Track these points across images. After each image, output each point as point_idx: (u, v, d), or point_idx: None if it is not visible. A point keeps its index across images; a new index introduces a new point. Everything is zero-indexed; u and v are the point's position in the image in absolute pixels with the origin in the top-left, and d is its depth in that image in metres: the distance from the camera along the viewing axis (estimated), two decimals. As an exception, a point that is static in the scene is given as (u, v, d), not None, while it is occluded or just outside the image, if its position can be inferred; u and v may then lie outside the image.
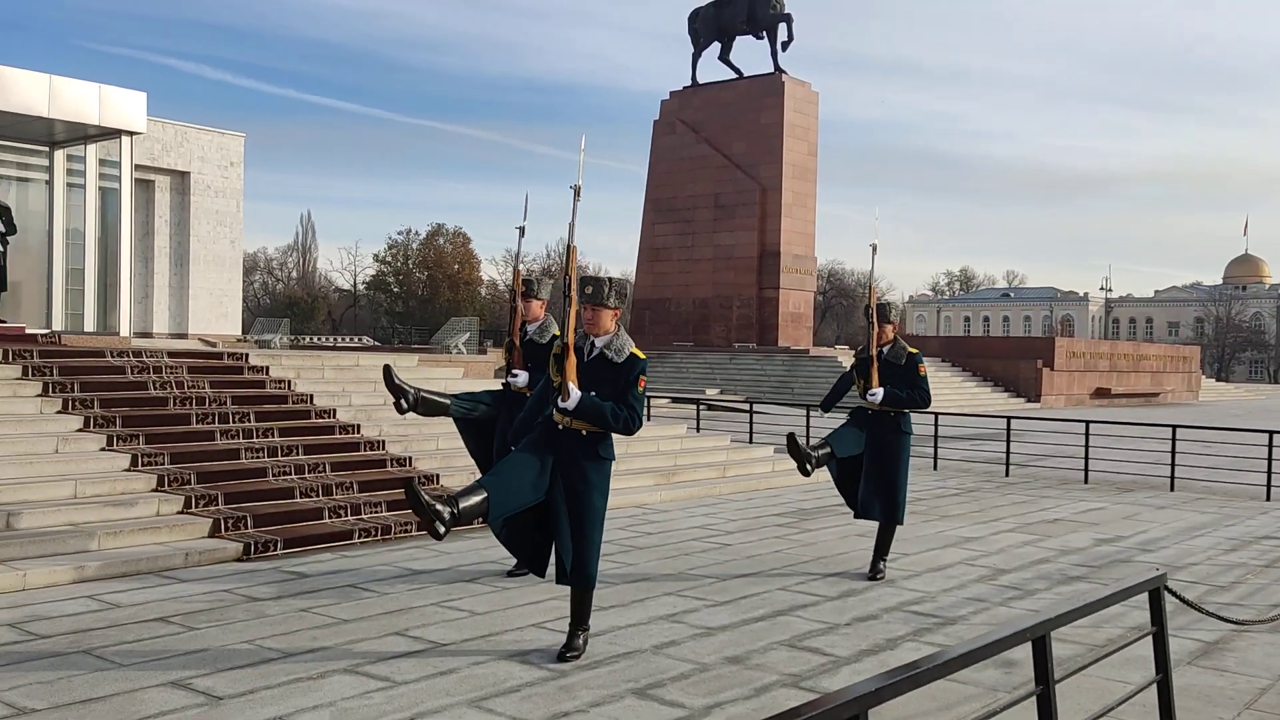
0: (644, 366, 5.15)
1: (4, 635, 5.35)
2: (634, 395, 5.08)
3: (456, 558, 7.55)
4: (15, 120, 12.60)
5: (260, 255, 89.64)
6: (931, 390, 7.29)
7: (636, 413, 5.11)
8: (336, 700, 4.52)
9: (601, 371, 5.11)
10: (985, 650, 2.69)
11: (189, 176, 37.65)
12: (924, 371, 7.19)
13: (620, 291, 5.25)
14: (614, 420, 5.04)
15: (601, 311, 5.17)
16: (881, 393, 7.10)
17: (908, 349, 7.23)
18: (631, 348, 5.18)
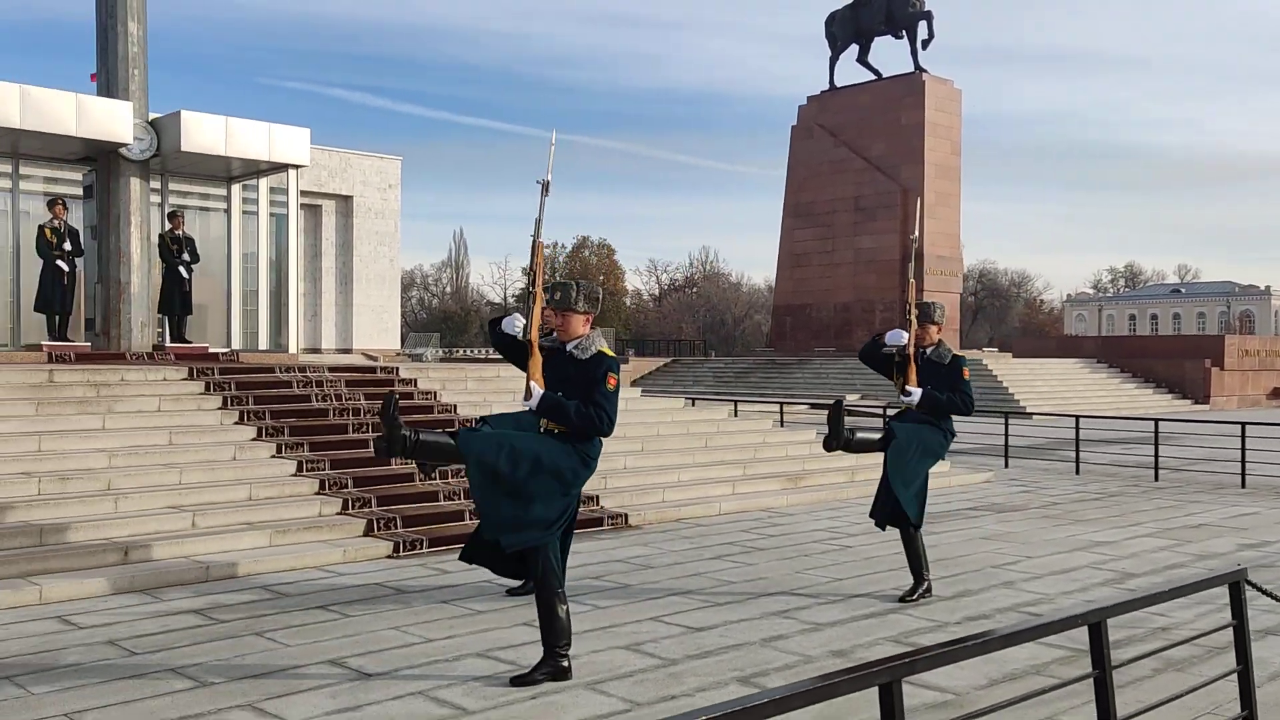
0: (613, 364, 5.01)
1: (189, 620, 6.13)
2: (601, 393, 4.93)
3: (585, 557, 8.05)
4: (198, 159, 13.87)
5: (416, 272, 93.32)
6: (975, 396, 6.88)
7: (605, 411, 4.93)
8: (468, 679, 5.05)
9: (567, 369, 5.02)
10: (1030, 632, 2.95)
11: (352, 200, 39.83)
12: (967, 375, 6.83)
13: (590, 295, 5.15)
14: (577, 418, 4.90)
15: (571, 316, 5.08)
16: (919, 393, 6.75)
17: (952, 351, 6.98)
18: (601, 347, 5.07)
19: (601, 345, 5.09)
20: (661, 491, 10.34)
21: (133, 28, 13.29)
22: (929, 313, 6.93)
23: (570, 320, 5.09)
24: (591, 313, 5.16)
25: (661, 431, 12.34)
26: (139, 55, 13.38)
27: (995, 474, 13.83)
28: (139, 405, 9.52)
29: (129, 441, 8.80)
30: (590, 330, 5.14)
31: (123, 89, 13.14)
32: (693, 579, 7.35)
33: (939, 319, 6.98)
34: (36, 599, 6.42)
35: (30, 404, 8.97)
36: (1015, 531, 9.55)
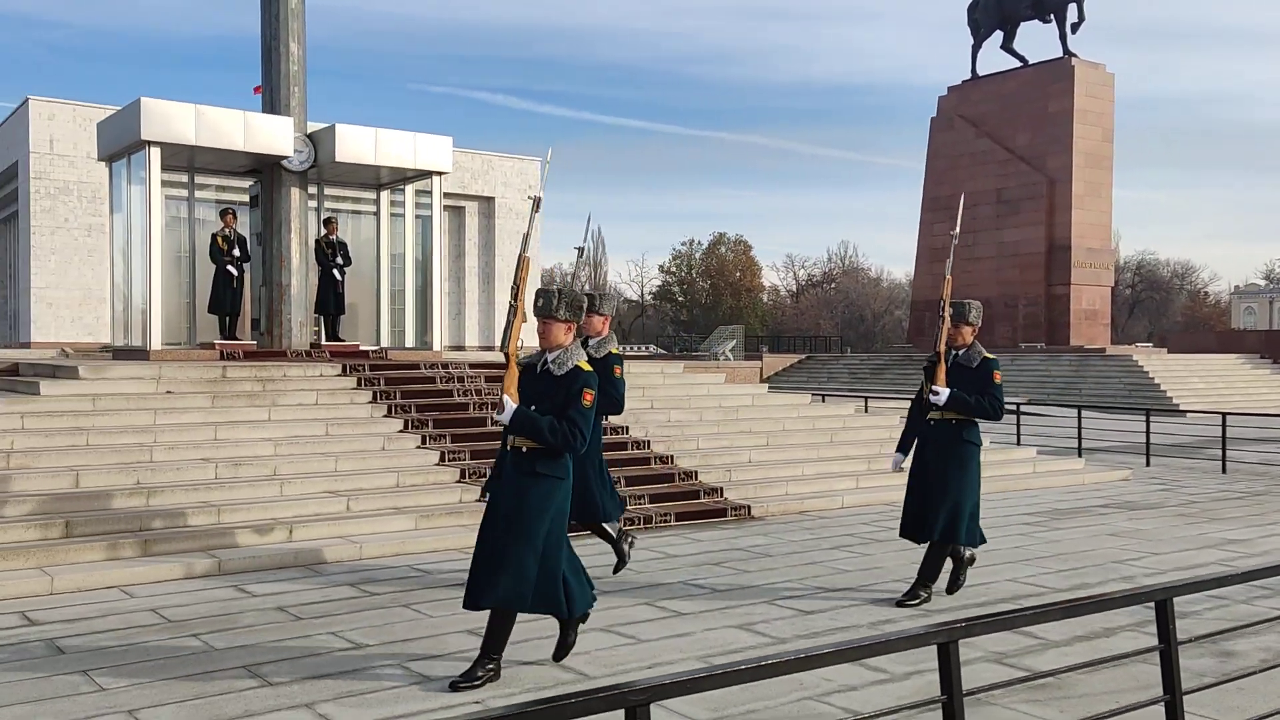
0: (589, 380, 4.94)
1: (346, 592, 6.78)
2: (576, 409, 4.85)
3: (707, 545, 8.41)
4: (350, 169, 14.83)
5: (556, 270, 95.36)
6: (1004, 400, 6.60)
7: (579, 428, 4.84)
8: (592, 650, 5.48)
9: (544, 385, 4.97)
10: (1091, 605, 3.16)
11: (494, 201, 41.18)
12: (999, 379, 6.55)
13: (572, 304, 5.08)
14: (551, 435, 4.82)
15: (552, 324, 5.03)
16: (946, 393, 6.48)
17: (984, 353, 6.66)
18: (579, 360, 5.02)
19: (579, 360, 5.02)
20: (785, 485, 10.60)
21: (293, 48, 14.34)
22: (963, 313, 6.67)
23: (551, 328, 5.03)
24: (573, 321, 5.09)
25: (788, 427, 12.58)
26: (299, 73, 14.42)
27: (1134, 472, 13.51)
28: (299, 399, 10.37)
29: (291, 432, 9.62)
30: (575, 342, 5.11)
31: (284, 105, 14.18)
32: (809, 567, 7.61)
33: (974, 319, 6.71)
34: (215, 569, 7.19)
35: (207, 397, 9.90)
36: (1145, 529, 9.42)
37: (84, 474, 8.10)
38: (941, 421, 6.60)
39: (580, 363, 5.01)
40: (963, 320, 6.65)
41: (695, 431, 11.64)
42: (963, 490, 6.50)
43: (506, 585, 4.83)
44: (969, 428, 6.60)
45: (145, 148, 12.87)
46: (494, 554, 4.88)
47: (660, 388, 13.02)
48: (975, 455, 6.62)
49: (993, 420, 6.57)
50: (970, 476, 6.57)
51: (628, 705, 2.27)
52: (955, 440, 6.54)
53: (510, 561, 4.83)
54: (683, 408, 12.33)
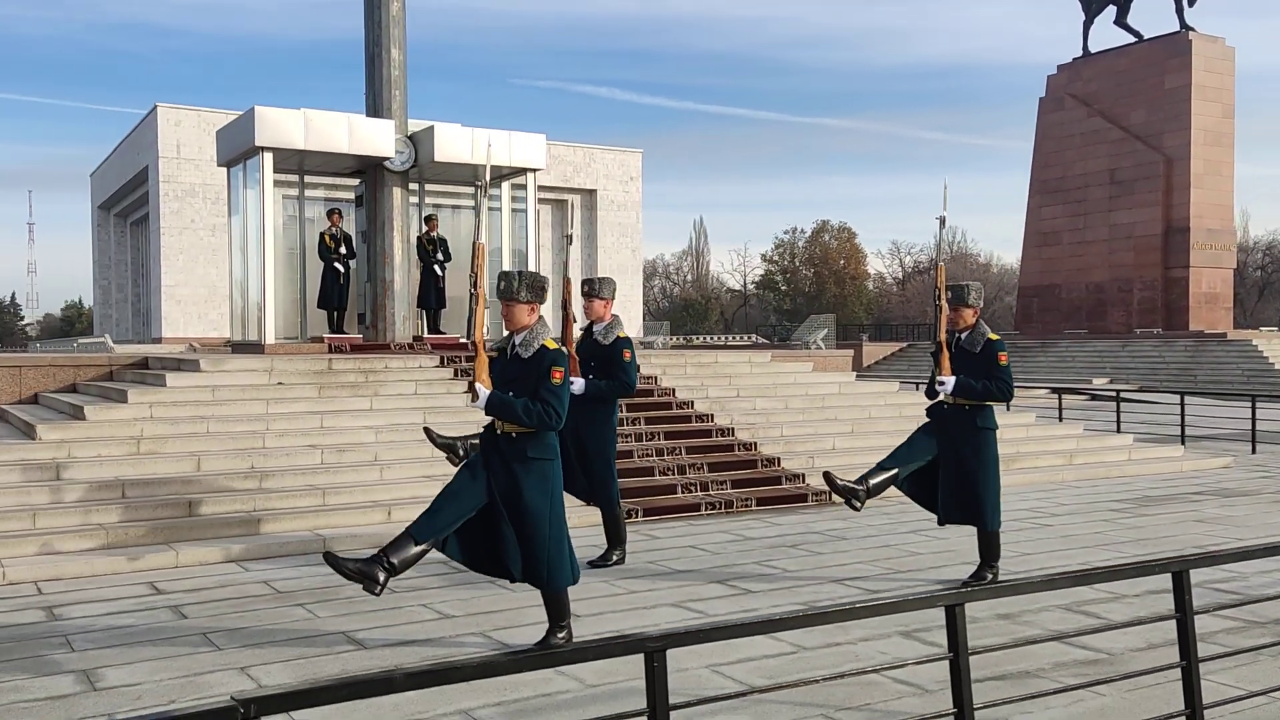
0: (556, 358, 5.03)
1: (439, 568, 7.25)
2: (546, 388, 4.96)
3: (785, 529, 8.64)
4: (449, 167, 15.43)
5: (658, 261, 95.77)
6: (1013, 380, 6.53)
7: (552, 406, 4.95)
8: (662, 624, 5.80)
9: (515, 368, 5.08)
10: (1109, 573, 3.33)
11: (595, 193, 41.71)
12: (1004, 361, 6.45)
13: (533, 285, 5.16)
14: (526, 416, 4.94)
15: (514, 306, 5.12)
16: (952, 382, 6.44)
17: (987, 335, 6.54)
18: (544, 340, 5.10)
19: (544, 339, 5.10)
20: (868, 471, 10.71)
21: (395, 54, 14.99)
22: (962, 295, 6.58)
23: (514, 310, 5.11)
24: (536, 302, 5.16)
25: (874, 414, 12.67)
26: (400, 78, 15.07)
27: (1237, 459, 13.18)
28: (399, 389, 10.95)
29: (391, 420, 10.19)
30: (539, 322, 5.19)
31: (386, 108, 14.85)
32: (882, 550, 7.78)
33: (974, 301, 6.61)
34: (320, 546, 7.74)
35: (315, 388, 10.55)
36: (1235, 515, 9.27)
37: (204, 459, 8.78)
38: (955, 407, 6.54)
39: (547, 341, 5.07)
40: (962, 303, 6.56)
41: (780, 419, 11.85)
42: (981, 478, 6.48)
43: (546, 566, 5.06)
44: (982, 412, 6.54)
45: (259, 153, 13.67)
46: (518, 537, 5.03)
47: (746, 376, 13.25)
48: (991, 440, 6.59)
49: (1002, 402, 6.54)
50: (988, 462, 6.53)
51: (646, 651, 2.58)
52: (969, 427, 6.51)
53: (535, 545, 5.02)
54: (768, 396, 12.54)
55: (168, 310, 34.75)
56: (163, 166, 34.01)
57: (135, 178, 37.17)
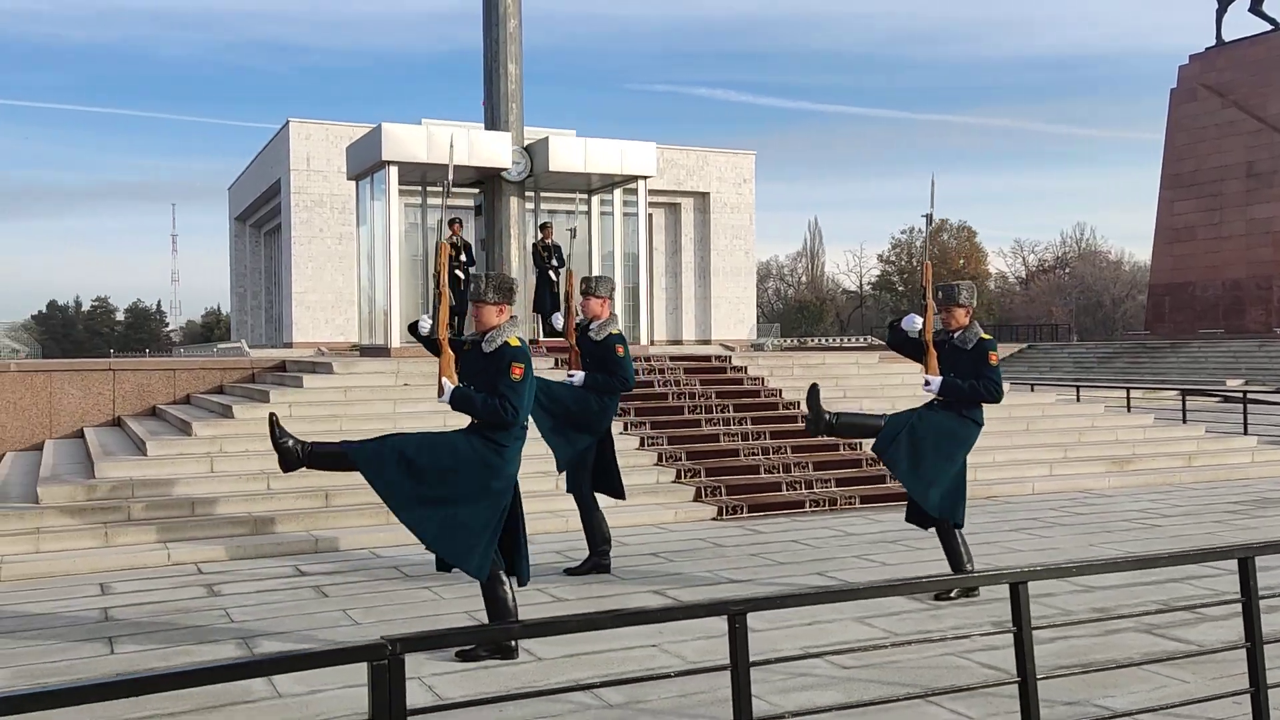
0: (516, 354, 5.09)
1: (552, 556, 7.71)
2: (505, 384, 5.04)
3: (886, 526, 8.83)
4: (562, 177, 16.01)
5: (772, 263, 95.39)
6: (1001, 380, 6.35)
7: (509, 401, 5.04)
8: (759, 610, 6.11)
9: (477, 364, 5.21)
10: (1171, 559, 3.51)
11: (709, 196, 41.94)
12: (995, 361, 6.30)
13: (500, 286, 5.25)
14: (484, 410, 5.05)
15: (483, 307, 5.22)
16: (938, 382, 6.33)
17: (980, 334, 6.36)
18: (508, 337, 5.16)
19: (509, 336, 5.17)
20: (973, 470, 10.71)
21: (511, 69, 15.63)
22: (953, 295, 6.42)
23: (482, 310, 5.22)
24: (503, 303, 5.24)
25: (983, 414, 12.65)
26: (516, 91, 15.71)
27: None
28: (517, 389, 11.49)
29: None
30: (505, 321, 5.25)
31: (504, 121, 15.51)
32: (982, 547, 7.90)
33: (965, 300, 6.43)
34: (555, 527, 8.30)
35: (434, 389, 11.17)
36: (1358, 519, 9.04)
37: (338, 454, 9.45)
38: (944, 404, 6.44)
39: (510, 339, 5.15)
40: (953, 302, 6.41)
41: (887, 419, 11.97)
42: (943, 465, 6.30)
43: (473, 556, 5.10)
44: (970, 406, 6.40)
45: (385, 167, 14.46)
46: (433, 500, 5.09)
47: (854, 378, 13.40)
48: (972, 429, 6.41)
49: (990, 402, 6.38)
50: (960, 447, 6.36)
51: (729, 613, 2.92)
52: (955, 415, 6.36)
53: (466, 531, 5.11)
54: (875, 396, 12.66)
55: (298, 316, 36.48)
56: (294, 178, 35.73)
57: (268, 190, 39.12)
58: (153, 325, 68.67)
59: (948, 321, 6.46)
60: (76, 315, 63.33)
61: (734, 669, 2.88)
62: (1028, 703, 3.24)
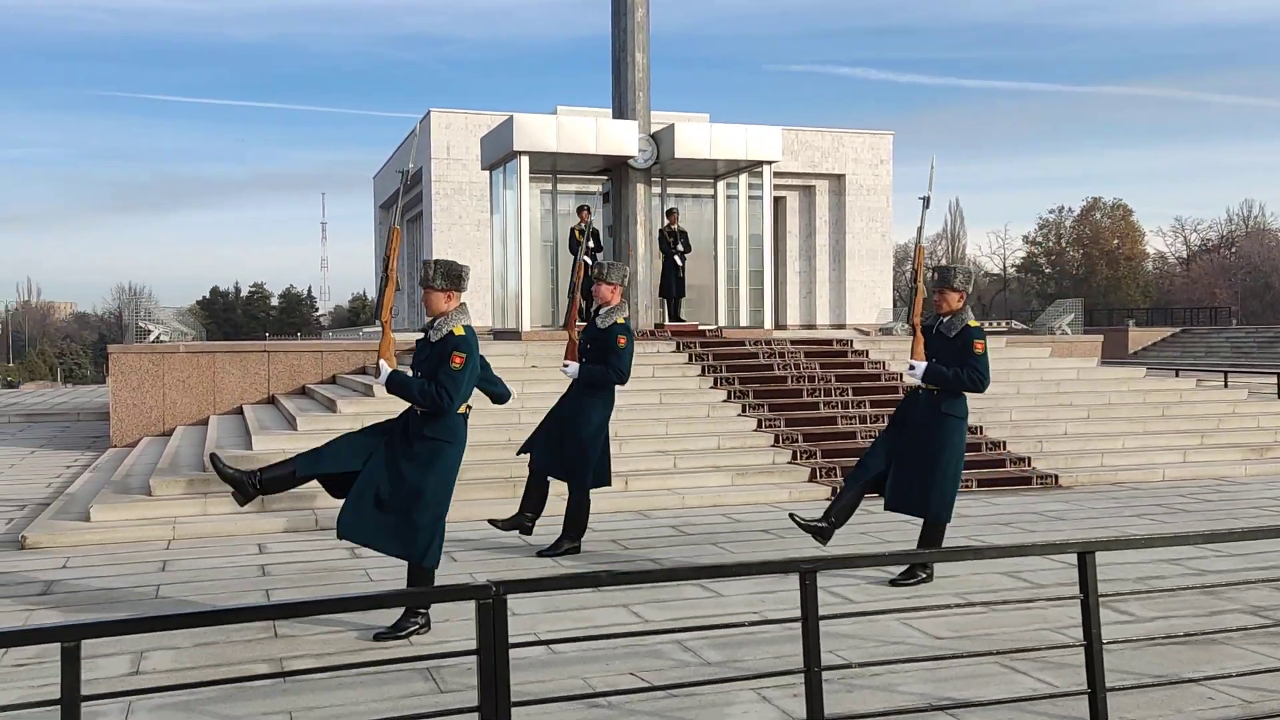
0: (458, 344, 5.13)
1: (666, 530, 8.05)
2: (444, 372, 5.09)
3: (1002, 509, 8.84)
4: (688, 163, 16.30)
5: (910, 246, 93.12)
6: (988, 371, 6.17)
7: (445, 389, 5.06)
8: (862, 584, 6.30)
9: (425, 350, 5.27)
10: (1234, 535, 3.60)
11: (844, 178, 41.48)
12: (980, 350, 6.13)
13: (448, 273, 5.26)
14: (420, 397, 5.10)
15: (430, 293, 5.26)
16: (922, 368, 6.22)
17: (966, 321, 6.24)
18: (453, 325, 5.19)
19: (455, 325, 5.21)
20: (1100, 456, 10.63)
21: (639, 58, 15.98)
22: (948, 278, 6.28)
23: (430, 296, 5.26)
24: (452, 289, 5.26)
25: (1113, 400, 12.40)
26: (643, 80, 16.05)
27: None
28: (638, 372, 11.76)
29: (630, 400, 11.10)
30: (453, 309, 5.27)
31: (631, 109, 15.88)
32: (1097, 531, 7.87)
33: (959, 285, 6.30)
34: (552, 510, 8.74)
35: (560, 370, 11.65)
36: None
37: (471, 431, 10.00)
38: (926, 392, 6.35)
39: (455, 328, 5.19)
40: (947, 286, 6.29)
41: (1009, 404, 11.87)
42: (937, 464, 6.25)
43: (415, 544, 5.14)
44: (949, 400, 6.28)
45: (517, 157, 15.04)
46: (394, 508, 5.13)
47: (979, 361, 13.26)
48: (956, 428, 6.30)
49: (974, 391, 6.24)
50: (948, 449, 6.26)
51: (800, 571, 3.19)
52: (934, 412, 6.28)
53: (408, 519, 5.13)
54: (1000, 381, 12.49)
55: (427, 302, 37.90)
56: (434, 167, 37.05)
57: (411, 179, 40.71)
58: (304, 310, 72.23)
59: (939, 305, 6.35)
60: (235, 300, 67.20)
61: (805, 622, 3.14)
62: (1093, 669, 3.39)
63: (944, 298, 6.32)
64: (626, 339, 6.97)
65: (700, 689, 4.37)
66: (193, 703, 4.34)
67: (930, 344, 6.34)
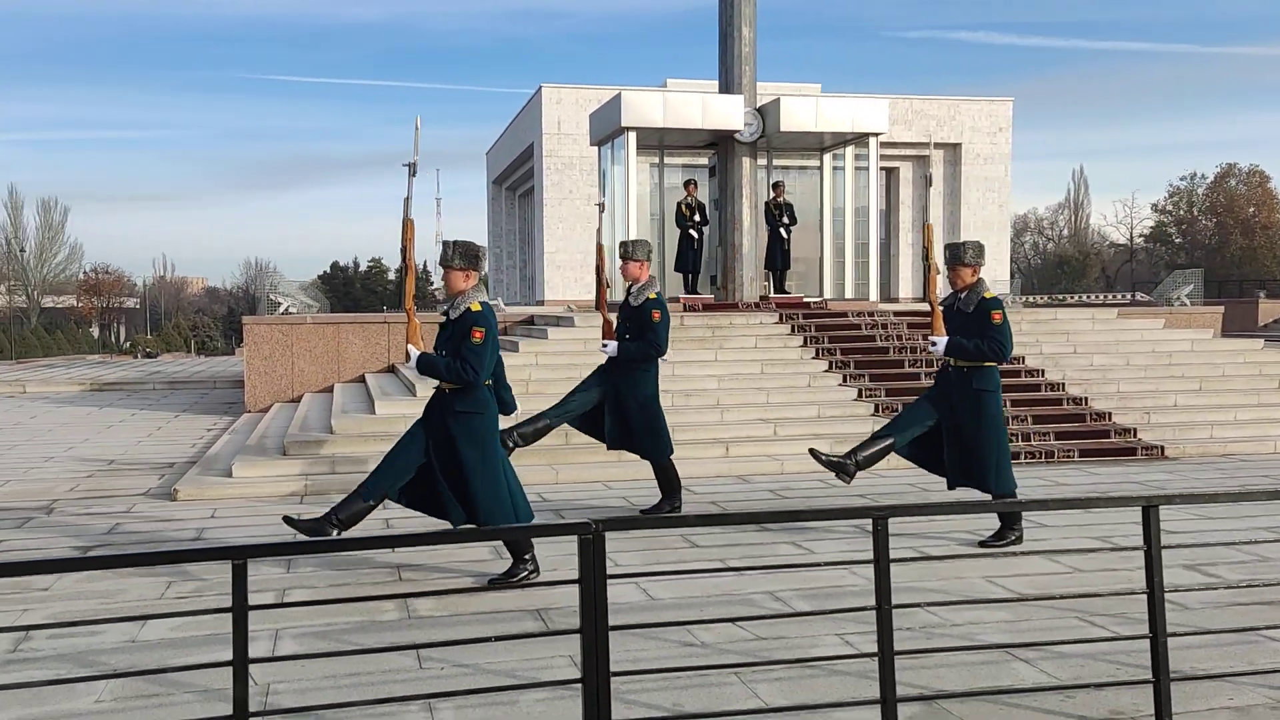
0: (476, 319, 5.38)
1: (763, 494, 8.35)
2: (466, 347, 5.35)
3: (1102, 478, 8.88)
4: (794, 136, 16.40)
5: (1030, 216, 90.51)
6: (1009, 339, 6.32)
7: (469, 364, 5.34)
8: (952, 545, 6.50)
9: (448, 329, 5.53)
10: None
11: (960, 147, 40.54)
12: (998, 319, 6.29)
13: (466, 253, 5.52)
14: (447, 373, 5.40)
15: (450, 273, 5.52)
16: (943, 343, 6.42)
17: (983, 294, 6.43)
18: (470, 303, 5.45)
19: (471, 302, 5.46)
20: (1210, 428, 10.48)
21: (745, 32, 16.12)
22: (959, 255, 6.47)
23: (449, 276, 5.52)
24: (469, 269, 5.52)
25: (1228, 372, 12.14)
26: (749, 54, 16.19)
27: None
28: (741, 343, 12.17)
29: (732, 370, 11.42)
30: (478, 286, 5.57)
31: (737, 84, 16.05)
32: (1199, 501, 7.85)
33: (971, 260, 6.48)
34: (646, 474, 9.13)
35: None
36: None
37: (577, 398, 10.47)
38: (955, 369, 6.50)
39: (472, 304, 5.46)
40: (959, 262, 6.48)
41: (1118, 375, 11.75)
42: (981, 441, 6.39)
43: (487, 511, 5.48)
44: (979, 374, 6.42)
45: (624, 133, 15.39)
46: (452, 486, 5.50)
47: (1087, 333, 13.12)
48: (991, 401, 6.43)
49: (996, 361, 6.36)
50: (987, 424, 6.40)
51: (874, 517, 3.47)
52: (966, 389, 6.43)
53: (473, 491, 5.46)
54: (1108, 352, 12.41)
55: (549, 275, 38.56)
56: (545, 142, 37.68)
57: (522, 154, 41.46)
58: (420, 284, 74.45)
59: (954, 281, 6.57)
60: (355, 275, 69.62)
61: (877, 564, 3.43)
62: (1155, 617, 3.59)
63: (957, 274, 6.53)
64: (661, 313, 7.14)
65: (788, 634, 4.70)
66: (330, 632, 4.87)
67: (951, 319, 6.56)
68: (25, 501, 8.25)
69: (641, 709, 3.87)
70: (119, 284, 60.82)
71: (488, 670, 4.29)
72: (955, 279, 6.56)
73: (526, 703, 3.99)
